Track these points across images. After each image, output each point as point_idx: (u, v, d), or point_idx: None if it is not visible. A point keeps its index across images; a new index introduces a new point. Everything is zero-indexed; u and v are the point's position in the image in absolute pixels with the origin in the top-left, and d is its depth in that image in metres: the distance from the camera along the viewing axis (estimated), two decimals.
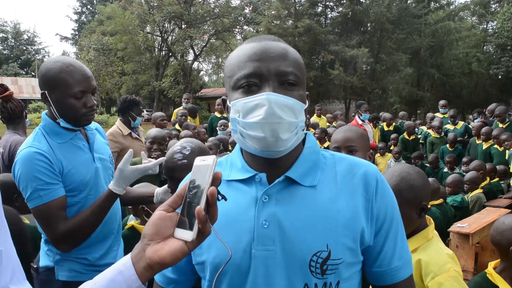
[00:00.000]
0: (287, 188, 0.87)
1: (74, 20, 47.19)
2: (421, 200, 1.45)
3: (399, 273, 0.90)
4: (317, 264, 0.82)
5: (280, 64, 0.83)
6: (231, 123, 0.88)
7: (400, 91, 18.39)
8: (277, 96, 0.81)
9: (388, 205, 0.89)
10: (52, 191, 1.54)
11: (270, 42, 0.87)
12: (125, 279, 0.69)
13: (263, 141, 0.82)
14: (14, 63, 43.52)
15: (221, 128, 6.29)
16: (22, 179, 1.53)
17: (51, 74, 1.57)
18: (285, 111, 0.81)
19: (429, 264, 1.39)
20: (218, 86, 38.56)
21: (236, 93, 0.85)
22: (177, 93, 23.17)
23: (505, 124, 5.88)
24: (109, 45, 26.53)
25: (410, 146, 7.11)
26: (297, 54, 0.89)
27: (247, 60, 0.84)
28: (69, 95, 1.57)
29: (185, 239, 0.68)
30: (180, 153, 1.61)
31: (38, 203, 1.53)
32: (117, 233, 1.83)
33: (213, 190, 0.67)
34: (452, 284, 1.34)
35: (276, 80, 0.83)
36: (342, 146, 1.75)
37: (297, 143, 0.87)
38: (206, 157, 0.72)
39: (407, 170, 1.50)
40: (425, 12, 19.36)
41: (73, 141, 1.67)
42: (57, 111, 1.60)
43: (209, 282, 0.89)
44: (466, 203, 4.30)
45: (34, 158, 1.53)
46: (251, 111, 0.82)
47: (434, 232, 1.52)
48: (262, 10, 21.73)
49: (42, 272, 1.68)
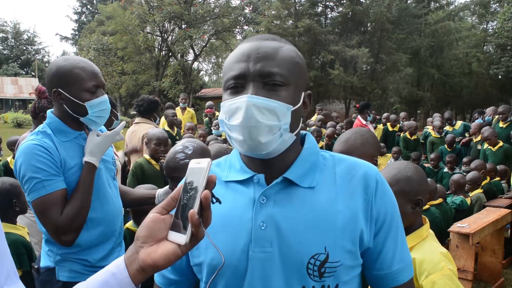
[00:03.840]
0: (285, 189, 0.86)
1: (74, 20, 47.22)
2: (417, 193, 1.45)
3: (399, 276, 0.88)
4: (315, 266, 0.81)
5: (265, 64, 0.82)
6: (220, 124, 0.88)
7: (400, 91, 18.37)
8: (257, 98, 0.79)
9: (388, 207, 0.88)
10: (55, 182, 1.53)
11: (262, 41, 0.85)
12: (117, 281, 0.69)
13: (244, 143, 0.81)
14: (14, 63, 43.55)
15: (215, 128, 6.38)
16: (24, 171, 1.52)
17: (63, 70, 1.61)
18: (265, 114, 0.79)
19: (423, 263, 1.38)
20: (218, 86, 38.54)
21: (225, 94, 0.86)
22: (177, 93, 23.14)
23: (506, 123, 5.88)
24: (109, 45, 26.53)
25: (411, 145, 7.13)
26: (291, 53, 0.86)
27: (236, 61, 0.84)
28: (83, 89, 1.62)
29: (178, 242, 0.68)
30: (182, 153, 1.60)
31: (41, 194, 1.50)
32: (119, 235, 1.82)
33: (207, 194, 0.66)
34: (446, 282, 1.34)
35: (259, 81, 0.82)
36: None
37: (285, 146, 0.85)
38: (200, 160, 0.72)
39: (406, 164, 1.53)
40: (425, 12, 19.35)
41: (77, 140, 1.67)
42: (70, 107, 1.62)
43: (206, 284, 0.88)
44: (466, 205, 4.28)
45: (36, 149, 1.53)
46: (233, 113, 0.82)
47: (429, 231, 1.52)
48: (262, 10, 21.72)
49: (43, 272, 1.68)
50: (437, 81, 20.61)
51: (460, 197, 4.33)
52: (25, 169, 1.52)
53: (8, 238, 2.08)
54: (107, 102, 1.70)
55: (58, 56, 3.49)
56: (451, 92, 21.59)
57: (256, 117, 0.79)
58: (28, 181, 1.51)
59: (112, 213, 1.73)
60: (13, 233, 2.17)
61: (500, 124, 5.99)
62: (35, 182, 1.51)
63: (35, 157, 1.52)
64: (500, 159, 5.43)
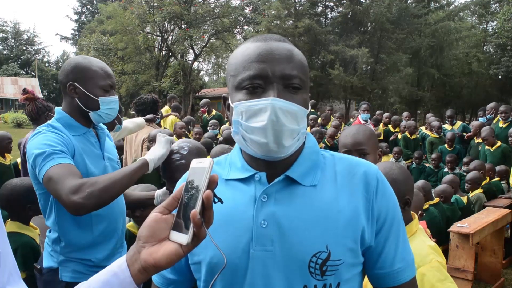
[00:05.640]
0: (287, 188, 0.86)
1: (74, 20, 47.23)
2: (404, 194, 1.49)
3: (401, 275, 0.88)
4: (317, 265, 0.81)
5: (285, 67, 0.82)
6: (233, 125, 0.85)
7: (400, 91, 18.32)
8: (282, 102, 0.79)
9: (389, 205, 0.88)
10: (66, 157, 1.51)
11: (276, 42, 0.85)
12: (119, 281, 0.69)
13: (265, 146, 0.80)
14: (14, 63, 43.50)
15: (211, 128, 6.41)
16: (33, 150, 1.50)
17: (82, 66, 1.67)
18: (288, 117, 0.80)
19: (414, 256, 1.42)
20: (218, 86, 38.53)
21: (240, 94, 0.83)
22: (177, 93, 23.16)
23: (506, 123, 5.88)
24: (109, 45, 26.51)
25: (411, 145, 7.14)
26: (302, 56, 0.87)
27: (252, 61, 0.82)
28: (99, 86, 1.68)
29: (180, 242, 0.68)
30: (178, 153, 1.61)
31: (51, 165, 1.45)
32: (121, 235, 1.83)
33: (209, 194, 0.66)
34: (434, 274, 1.38)
35: (281, 83, 0.81)
36: (352, 149, 1.71)
37: (297, 148, 0.86)
38: (202, 159, 0.72)
39: (390, 165, 1.56)
40: (425, 12, 19.31)
41: (86, 136, 1.71)
42: (82, 101, 1.67)
43: (205, 282, 0.88)
44: (462, 204, 4.29)
45: (47, 134, 1.56)
46: (254, 115, 0.80)
47: (418, 226, 1.56)
48: (262, 10, 21.68)
49: (46, 272, 1.68)
50: (437, 81, 20.57)
51: (455, 196, 4.34)
52: (35, 149, 1.50)
53: (19, 239, 2.09)
54: (117, 103, 1.76)
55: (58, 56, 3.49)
56: (451, 92, 21.55)
57: (282, 121, 0.79)
58: (40, 157, 1.47)
59: (115, 211, 1.74)
60: (24, 235, 2.15)
61: (500, 124, 5.99)
62: (47, 155, 1.47)
63: (47, 137, 1.54)
64: (498, 159, 5.44)
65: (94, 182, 1.43)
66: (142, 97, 4.04)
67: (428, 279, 1.36)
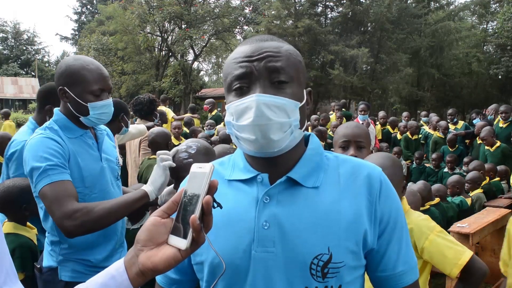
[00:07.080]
0: (289, 189, 0.86)
1: (74, 20, 47.13)
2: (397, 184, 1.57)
3: (403, 279, 0.88)
4: (318, 267, 0.81)
5: (270, 62, 0.83)
6: (226, 126, 0.87)
7: (400, 91, 18.33)
8: (266, 96, 0.80)
9: (392, 208, 0.88)
10: (62, 173, 1.51)
11: (262, 42, 0.86)
12: (117, 284, 0.69)
13: (256, 143, 0.81)
14: (14, 63, 43.48)
15: (207, 128, 6.42)
16: (30, 160, 1.51)
17: (72, 70, 1.63)
18: (275, 111, 0.80)
19: (419, 228, 1.63)
20: (218, 86, 38.51)
21: (230, 96, 0.86)
22: (177, 93, 23.16)
23: (506, 123, 5.88)
24: (109, 45, 26.51)
25: (412, 145, 7.14)
26: (292, 51, 0.87)
27: (238, 62, 0.84)
28: (88, 91, 1.63)
29: (178, 247, 0.68)
30: (186, 152, 1.61)
31: (46, 182, 1.47)
32: (121, 235, 1.83)
33: (209, 199, 0.66)
34: (444, 237, 1.63)
35: (267, 80, 0.82)
36: (352, 140, 1.78)
37: (295, 142, 0.86)
38: (203, 164, 0.72)
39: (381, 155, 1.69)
40: (425, 12, 19.31)
41: (83, 138, 1.70)
42: (73, 107, 1.65)
43: (207, 282, 0.88)
44: (466, 205, 4.29)
45: (44, 141, 1.55)
46: (242, 113, 0.81)
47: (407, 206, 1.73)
48: (262, 10, 21.66)
49: (45, 272, 1.69)
50: (437, 81, 20.57)
51: (460, 197, 4.34)
52: (32, 159, 1.51)
53: (17, 240, 2.08)
54: (110, 106, 1.71)
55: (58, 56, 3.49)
56: (451, 92, 21.54)
57: (267, 115, 0.79)
58: (36, 171, 1.49)
59: None
60: (22, 235, 2.14)
61: (500, 124, 5.99)
62: (42, 171, 1.48)
63: (43, 148, 1.53)
64: (498, 159, 5.44)
65: (90, 211, 1.45)
66: (139, 97, 4.05)
67: (439, 243, 1.61)
